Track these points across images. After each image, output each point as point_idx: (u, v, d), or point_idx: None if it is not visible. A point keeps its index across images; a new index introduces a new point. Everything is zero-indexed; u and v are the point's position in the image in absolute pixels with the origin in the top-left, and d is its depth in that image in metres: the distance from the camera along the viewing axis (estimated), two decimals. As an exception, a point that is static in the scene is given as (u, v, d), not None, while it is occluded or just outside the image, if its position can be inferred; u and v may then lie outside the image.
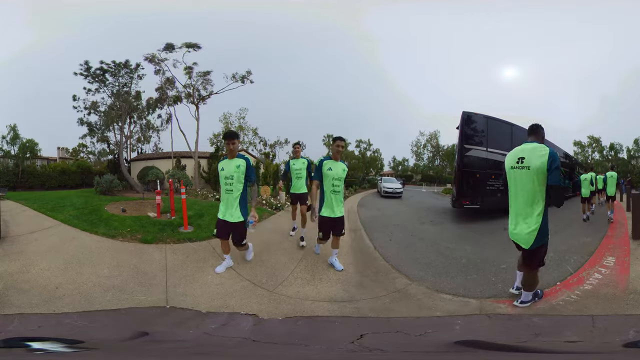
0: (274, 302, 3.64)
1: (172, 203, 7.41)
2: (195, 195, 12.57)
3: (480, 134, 9.57)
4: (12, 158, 16.58)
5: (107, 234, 5.78)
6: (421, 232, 7.85)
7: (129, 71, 15.48)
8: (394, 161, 37.61)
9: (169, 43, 15.53)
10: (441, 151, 37.00)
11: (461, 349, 2.49)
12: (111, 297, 3.57)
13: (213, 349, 2.56)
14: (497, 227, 7.84)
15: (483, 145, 9.49)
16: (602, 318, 3.04)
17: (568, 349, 2.49)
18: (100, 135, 16.72)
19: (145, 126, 17.87)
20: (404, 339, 2.76)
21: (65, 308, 3.26)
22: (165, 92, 16.40)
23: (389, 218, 10.14)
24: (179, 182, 11.92)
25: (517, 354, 2.41)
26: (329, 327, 3.11)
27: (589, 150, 27.37)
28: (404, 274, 4.58)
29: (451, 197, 10.79)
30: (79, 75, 14.84)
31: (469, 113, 9.52)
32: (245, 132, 30.61)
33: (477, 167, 9.38)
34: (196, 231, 6.15)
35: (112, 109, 15.64)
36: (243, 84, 16.82)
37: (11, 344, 2.37)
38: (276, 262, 4.82)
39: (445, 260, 5.35)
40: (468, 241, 6.69)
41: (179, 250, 5.16)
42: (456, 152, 10.15)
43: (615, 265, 4.64)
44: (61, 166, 17.76)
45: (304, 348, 2.55)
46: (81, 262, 4.48)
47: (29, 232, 5.87)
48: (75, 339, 2.48)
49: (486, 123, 9.64)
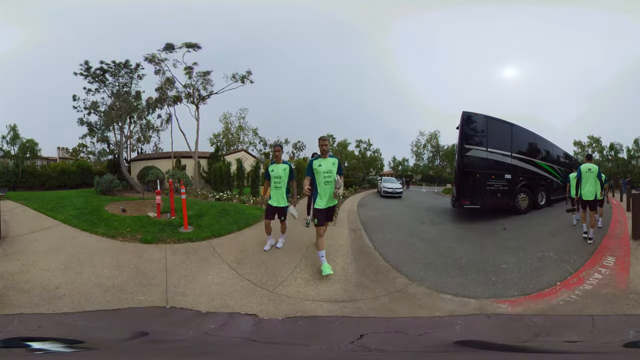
0: (274, 302, 3.64)
1: (172, 203, 7.41)
2: (195, 195, 12.57)
3: (480, 134, 9.56)
4: (12, 158, 16.56)
5: (107, 234, 5.78)
6: (421, 232, 7.85)
7: (129, 71, 15.46)
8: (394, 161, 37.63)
9: (169, 43, 15.50)
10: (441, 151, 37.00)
11: (461, 349, 2.49)
12: (111, 297, 3.57)
13: (213, 349, 2.56)
14: (497, 227, 7.85)
15: (483, 145, 9.48)
16: (602, 318, 3.05)
17: (568, 349, 2.49)
18: (100, 135, 16.70)
19: (145, 126, 17.85)
20: (404, 339, 2.76)
21: (65, 308, 3.26)
22: (165, 92, 16.38)
23: (389, 218, 10.14)
24: (179, 182, 11.91)
25: (517, 354, 2.41)
26: (329, 327, 3.11)
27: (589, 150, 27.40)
28: (404, 274, 4.58)
29: (451, 197, 10.78)
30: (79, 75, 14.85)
31: (469, 113, 9.51)
32: (245, 132, 30.63)
33: (477, 167, 9.37)
34: (196, 231, 6.15)
35: (112, 109, 15.63)
36: (243, 84, 16.79)
37: (11, 344, 2.37)
38: (276, 262, 4.81)
39: (445, 260, 5.34)
40: (468, 241, 6.69)
41: (179, 250, 5.16)
42: (456, 152, 10.15)
43: (615, 265, 4.63)
44: (61, 166, 17.75)
45: (304, 348, 2.55)
46: (81, 262, 4.48)
47: (29, 232, 5.87)
48: (75, 339, 2.48)
49: (486, 123, 9.64)
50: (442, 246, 6.27)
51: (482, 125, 9.59)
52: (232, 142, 30.25)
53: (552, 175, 11.13)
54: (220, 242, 5.76)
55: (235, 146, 29.42)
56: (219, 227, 6.50)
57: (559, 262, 4.92)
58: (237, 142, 30.33)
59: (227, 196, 12.07)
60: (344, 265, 4.86)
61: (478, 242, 6.57)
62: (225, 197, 11.95)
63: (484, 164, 9.43)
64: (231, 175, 14.94)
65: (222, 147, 27.82)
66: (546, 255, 5.35)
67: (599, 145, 26.58)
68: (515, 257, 5.32)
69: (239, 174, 14.93)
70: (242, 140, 30.68)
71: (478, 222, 8.57)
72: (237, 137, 30.74)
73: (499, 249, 6.00)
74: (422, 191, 24.59)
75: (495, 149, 9.55)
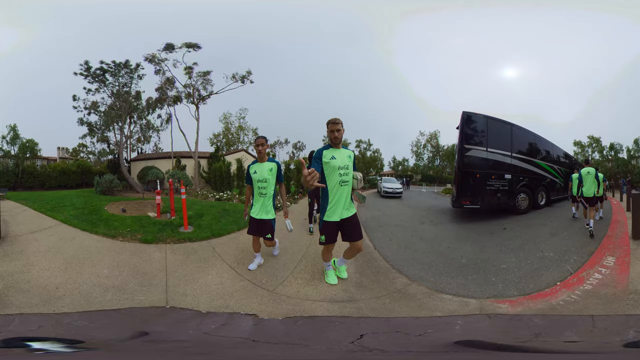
0: (274, 302, 3.64)
1: (172, 203, 7.41)
2: (195, 195, 12.57)
3: (480, 134, 9.56)
4: (12, 158, 16.58)
5: (107, 234, 5.78)
6: (421, 232, 7.85)
7: (129, 71, 15.49)
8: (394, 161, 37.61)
9: (169, 43, 15.53)
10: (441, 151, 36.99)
11: (461, 349, 2.49)
12: (111, 297, 3.57)
13: (213, 349, 2.56)
14: (497, 227, 7.85)
15: (483, 145, 9.48)
16: (602, 318, 3.04)
17: (568, 349, 2.49)
18: (100, 135, 16.71)
19: (145, 126, 17.85)
20: (404, 339, 2.76)
21: (65, 308, 3.26)
22: (165, 92, 16.39)
23: (389, 218, 10.13)
24: (179, 182, 11.92)
25: (517, 354, 2.41)
26: (329, 327, 3.11)
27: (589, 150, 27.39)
28: (404, 274, 4.58)
29: (451, 197, 10.78)
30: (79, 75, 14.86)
31: (469, 113, 9.52)
32: (245, 132, 30.62)
33: (477, 167, 9.37)
34: (196, 231, 6.15)
35: (112, 109, 15.64)
36: (243, 84, 16.80)
37: (11, 344, 2.37)
38: (276, 262, 4.81)
39: (445, 260, 5.34)
40: (468, 241, 6.69)
41: (179, 250, 5.16)
42: (456, 152, 10.15)
43: (615, 265, 4.63)
44: (61, 166, 17.76)
45: (304, 348, 2.55)
46: (81, 262, 4.48)
47: (29, 232, 5.87)
48: (75, 339, 2.48)
49: (486, 123, 9.64)
50: (442, 246, 6.27)
51: (482, 125, 9.60)
52: (232, 142, 30.28)
53: (552, 175, 11.13)
54: (220, 242, 5.76)
55: (235, 146, 29.45)
56: (219, 227, 6.50)
57: (559, 262, 4.92)
58: (237, 142, 30.36)
59: (227, 196, 12.08)
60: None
61: (478, 242, 6.57)
62: (225, 197, 11.96)
63: (484, 164, 9.43)
64: (231, 175, 14.95)
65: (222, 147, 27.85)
66: (546, 255, 5.35)
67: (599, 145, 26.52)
68: (515, 257, 5.32)
69: (239, 174, 14.95)
70: (242, 140, 30.71)
71: (478, 222, 8.57)
72: (237, 137, 30.77)
73: (499, 249, 6.00)
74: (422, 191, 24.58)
75: (495, 149, 9.55)
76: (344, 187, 3.44)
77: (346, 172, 3.44)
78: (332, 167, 3.38)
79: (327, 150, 3.45)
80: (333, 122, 3.42)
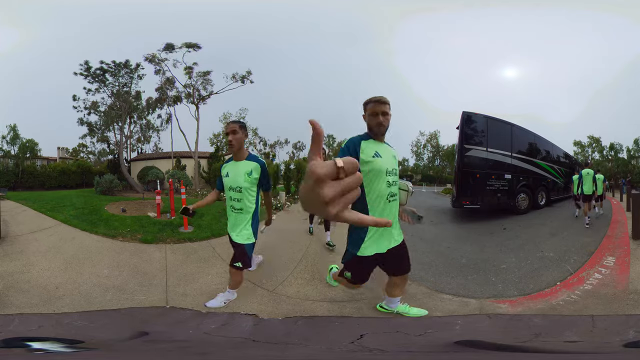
0: (274, 302, 3.63)
1: (172, 203, 7.41)
2: (195, 196, 12.57)
3: (480, 134, 9.56)
4: (12, 158, 16.57)
5: (107, 234, 5.78)
6: (421, 232, 7.85)
7: (129, 71, 15.49)
8: (394, 161, 37.62)
9: (169, 43, 15.54)
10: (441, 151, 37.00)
11: (461, 349, 2.49)
12: (111, 297, 3.57)
13: (213, 349, 2.56)
14: (497, 227, 7.85)
15: (483, 145, 9.48)
16: (602, 318, 3.04)
17: (568, 349, 2.49)
18: (100, 135, 16.72)
19: (145, 126, 17.86)
20: (404, 339, 2.76)
21: (65, 308, 3.26)
22: (165, 92, 16.40)
23: (389, 218, 10.12)
24: (179, 182, 11.92)
25: (517, 354, 2.41)
26: (329, 327, 3.11)
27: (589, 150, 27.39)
28: (404, 274, 4.57)
29: (451, 197, 10.78)
30: (79, 75, 14.86)
31: (469, 113, 9.51)
32: (245, 132, 30.55)
33: (477, 167, 9.37)
34: (196, 231, 6.15)
35: (112, 109, 15.64)
36: (243, 84, 16.80)
37: (11, 344, 2.37)
38: (276, 262, 4.81)
39: (445, 260, 5.34)
40: (468, 241, 6.69)
41: (179, 250, 5.16)
42: (456, 152, 10.15)
43: (615, 265, 4.63)
44: (61, 166, 17.75)
45: (304, 348, 2.55)
46: (81, 262, 4.48)
47: (29, 232, 5.87)
48: (75, 339, 2.48)
49: (486, 123, 9.64)
50: (442, 246, 6.27)
51: (482, 125, 9.59)
52: (232, 142, 30.19)
53: (552, 175, 11.13)
54: (220, 242, 5.75)
55: (235, 146, 29.34)
56: (219, 227, 6.49)
57: (559, 262, 4.92)
58: (237, 142, 30.27)
59: (227, 196, 12.05)
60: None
61: (478, 242, 6.57)
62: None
63: (484, 164, 9.42)
64: (231, 176, 14.89)
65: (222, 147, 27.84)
66: (546, 255, 5.35)
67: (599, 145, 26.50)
68: (515, 257, 5.32)
69: (239, 174, 14.89)
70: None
71: (478, 222, 8.57)
72: (237, 137, 30.68)
73: (499, 249, 6.00)
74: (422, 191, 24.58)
75: (495, 149, 9.55)
76: (392, 203, 2.37)
77: (395, 180, 2.39)
78: (377, 170, 2.20)
79: (366, 141, 2.24)
80: (377, 101, 2.25)
